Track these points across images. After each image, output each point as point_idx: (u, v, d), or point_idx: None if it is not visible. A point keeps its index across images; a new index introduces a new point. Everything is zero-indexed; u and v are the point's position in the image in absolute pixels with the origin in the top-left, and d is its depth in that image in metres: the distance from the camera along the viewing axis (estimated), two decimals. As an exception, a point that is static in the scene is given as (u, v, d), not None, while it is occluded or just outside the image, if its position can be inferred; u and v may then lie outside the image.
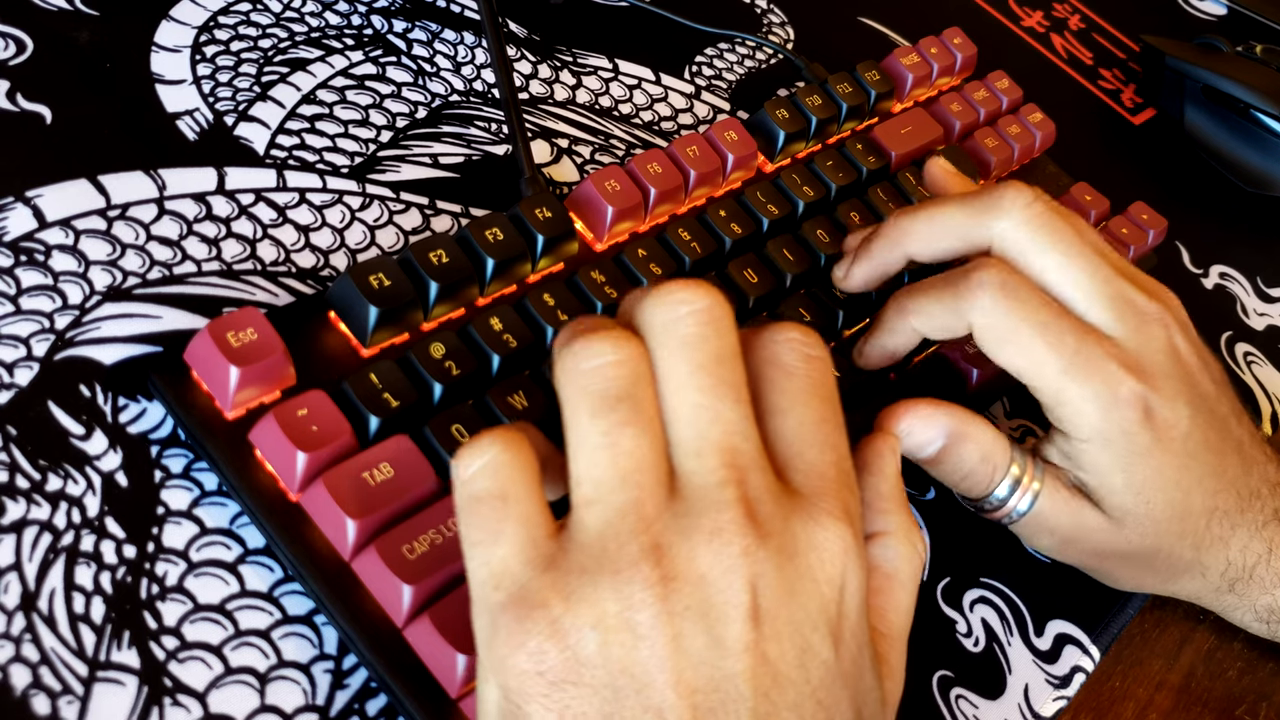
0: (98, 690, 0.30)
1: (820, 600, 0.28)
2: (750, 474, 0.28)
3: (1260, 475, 0.41)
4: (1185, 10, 0.78)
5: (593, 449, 0.28)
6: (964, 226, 0.40)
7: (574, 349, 0.29)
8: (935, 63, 0.55)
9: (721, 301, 0.29)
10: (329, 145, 0.43)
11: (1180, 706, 0.44)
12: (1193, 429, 0.39)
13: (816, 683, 0.28)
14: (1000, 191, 0.40)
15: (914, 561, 0.33)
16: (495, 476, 0.28)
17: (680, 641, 0.27)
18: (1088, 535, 0.40)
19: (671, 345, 0.29)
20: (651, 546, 0.27)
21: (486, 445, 0.28)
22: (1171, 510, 0.39)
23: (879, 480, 0.34)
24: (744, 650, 0.27)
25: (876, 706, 0.30)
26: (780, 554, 0.28)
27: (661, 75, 0.53)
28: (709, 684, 0.27)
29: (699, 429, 0.28)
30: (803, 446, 0.30)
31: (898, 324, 0.40)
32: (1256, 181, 0.65)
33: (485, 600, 0.28)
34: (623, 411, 0.28)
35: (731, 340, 0.29)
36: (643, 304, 0.30)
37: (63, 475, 0.32)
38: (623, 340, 0.28)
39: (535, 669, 0.26)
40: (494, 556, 0.28)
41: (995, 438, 0.39)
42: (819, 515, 0.29)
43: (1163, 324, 0.39)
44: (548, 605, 0.27)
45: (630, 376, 0.28)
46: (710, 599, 0.27)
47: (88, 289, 0.36)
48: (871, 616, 0.32)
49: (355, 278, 0.35)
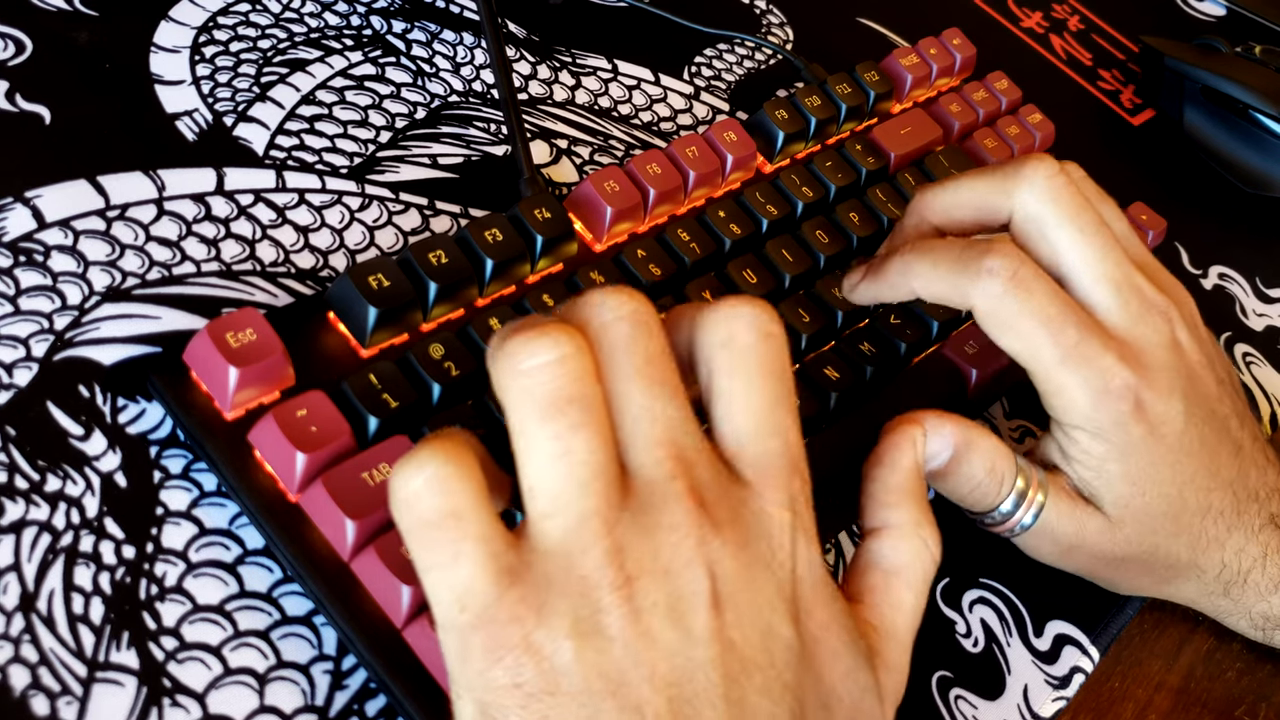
0: (97, 691, 0.30)
1: (775, 583, 0.29)
2: (696, 468, 0.29)
3: (1259, 479, 0.41)
4: (1184, 11, 0.78)
5: (547, 457, 0.27)
6: (985, 197, 0.40)
7: (510, 349, 0.27)
8: (934, 63, 0.55)
9: (645, 303, 0.29)
10: (328, 146, 0.43)
11: (1179, 707, 0.44)
12: (1188, 425, 0.39)
13: (781, 664, 0.28)
14: (1024, 160, 0.39)
15: (921, 557, 0.33)
16: (443, 493, 0.27)
17: (650, 637, 0.27)
18: (1089, 541, 0.39)
19: (611, 349, 0.28)
20: (614, 549, 0.27)
21: (426, 459, 0.27)
22: (1166, 505, 0.39)
23: (889, 473, 0.34)
24: (711, 638, 0.27)
25: (864, 693, 0.30)
26: (734, 544, 0.28)
27: (661, 76, 0.53)
28: (683, 675, 0.27)
29: (643, 428, 0.28)
30: (750, 434, 0.30)
31: (898, 280, 0.40)
32: (1256, 182, 0.65)
33: (452, 621, 0.27)
34: (573, 413, 0.27)
35: (661, 341, 0.29)
36: (577, 309, 0.29)
37: (62, 476, 0.32)
38: (563, 335, 0.27)
39: (512, 682, 0.26)
40: (456, 579, 0.27)
41: (1001, 448, 0.38)
42: (765, 505, 0.29)
43: (1166, 317, 0.39)
44: (520, 620, 0.27)
45: (576, 374, 0.27)
46: (674, 591, 0.27)
47: (87, 289, 0.36)
48: (865, 612, 0.32)
49: (354, 278, 0.35)
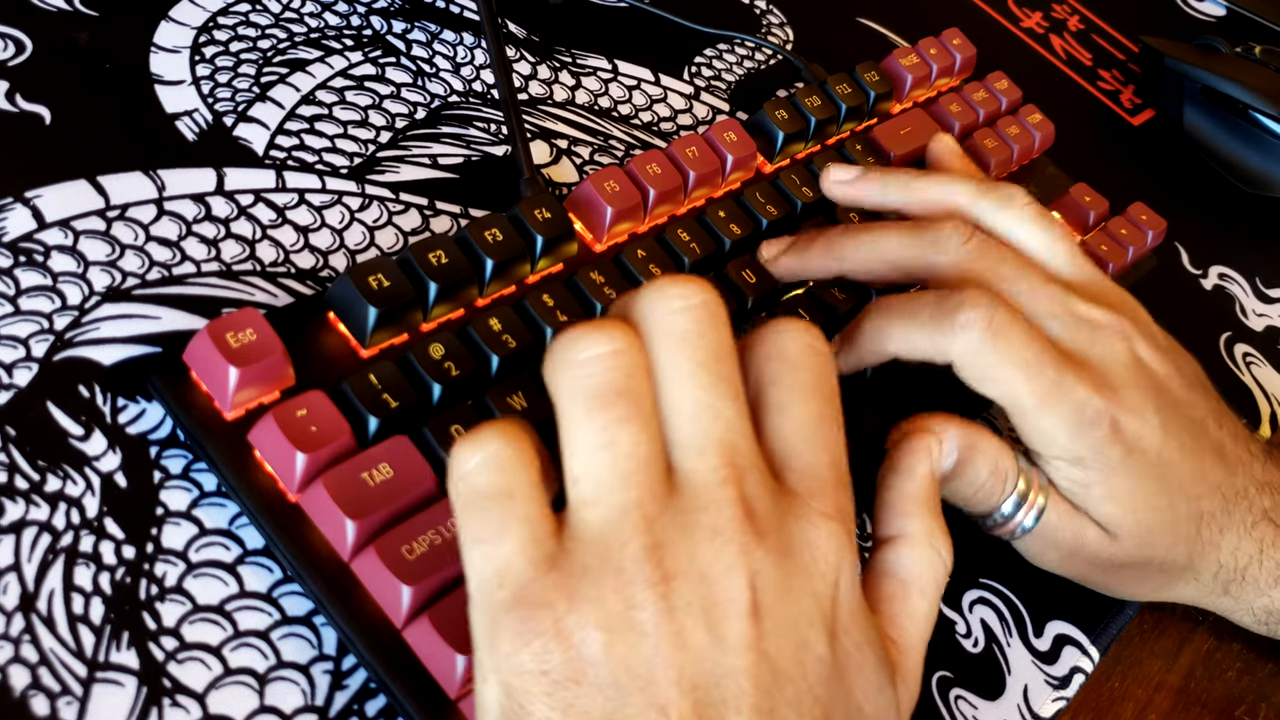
0: (97, 691, 0.30)
1: (815, 597, 0.28)
2: (748, 473, 0.28)
3: (1246, 475, 0.41)
4: (1184, 11, 0.78)
5: (592, 447, 0.27)
6: (903, 259, 0.40)
7: (566, 340, 0.28)
8: (934, 63, 0.55)
9: (716, 297, 0.29)
10: (328, 146, 0.43)
11: (1179, 707, 0.44)
12: (1166, 437, 0.39)
13: (814, 679, 0.28)
14: (939, 227, 0.40)
15: (934, 567, 0.33)
16: (500, 471, 0.27)
17: (682, 638, 0.27)
18: (1088, 548, 0.39)
19: (669, 341, 0.29)
20: (653, 545, 0.27)
21: (489, 438, 0.28)
22: (1159, 518, 0.39)
23: (905, 481, 0.34)
24: (745, 647, 0.27)
25: (886, 710, 0.30)
26: (777, 552, 0.28)
27: (661, 76, 0.53)
28: (710, 680, 0.27)
29: (700, 426, 0.28)
30: (800, 445, 0.30)
31: (873, 345, 0.39)
32: (1256, 182, 0.65)
33: (488, 599, 0.27)
34: (621, 407, 0.27)
35: (727, 337, 0.29)
36: (637, 300, 0.29)
37: (62, 476, 0.32)
38: (617, 331, 0.28)
39: (540, 668, 0.26)
40: (498, 554, 0.27)
41: (1004, 448, 0.38)
42: (813, 515, 0.29)
43: (1121, 334, 0.39)
44: (552, 605, 0.27)
45: (627, 368, 0.28)
46: (712, 596, 0.27)
47: (87, 289, 0.36)
48: (884, 624, 0.32)
49: (354, 278, 0.35)
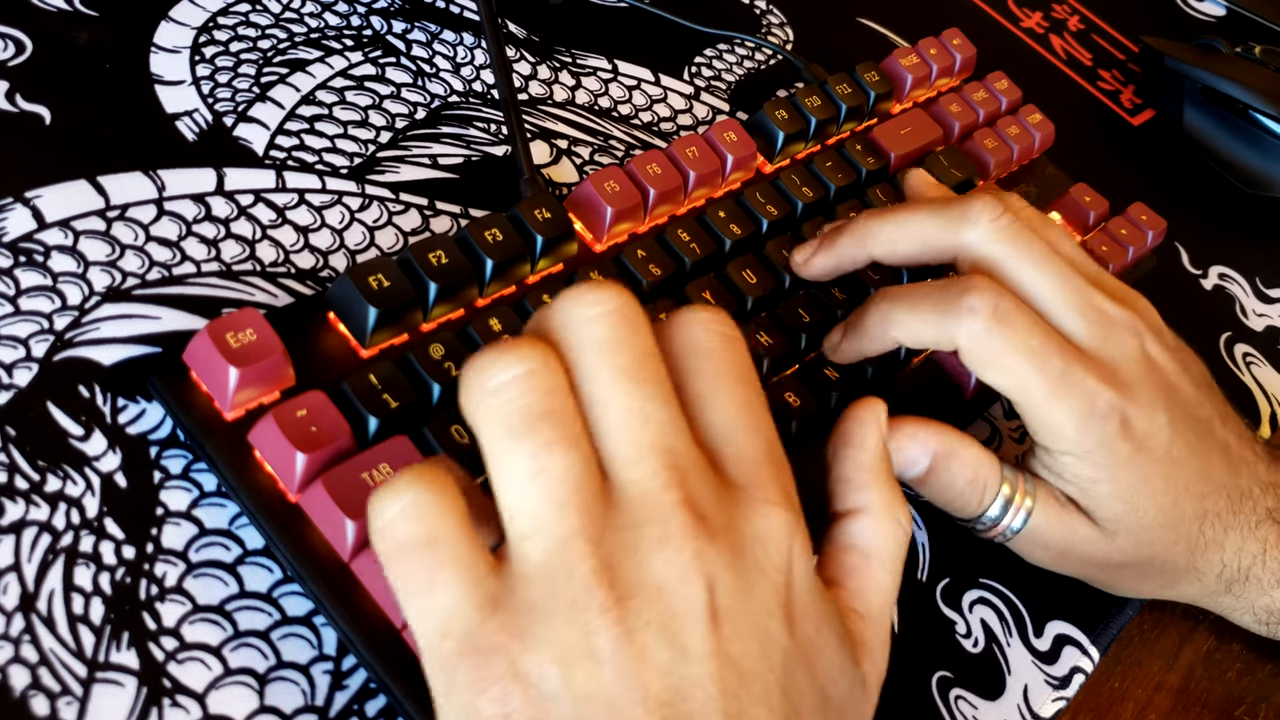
0: (96, 691, 0.30)
1: (772, 587, 0.28)
2: (690, 474, 0.28)
3: (1250, 475, 0.41)
4: (1184, 11, 0.78)
5: (522, 478, 0.26)
6: (932, 235, 0.40)
7: (475, 368, 0.27)
8: (934, 64, 0.55)
9: (632, 300, 0.28)
10: (328, 146, 0.43)
11: (1179, 707, 0.44)
12: (1174, 435, 0.39)
13: (779, 670, 0.28)
14: (969, 202, 0.39)
15: (895, 538, 0.32)
16: (419, 521, 0.26)
17: (644, 657, 0.26)
18: (1082, 547, 0.39)
19: (588, 351, 0.28)
20: (602, 568, 0.26)
21: (403, 487, 0.27)
22: (1162, 517, 0.39)
23: (857, 452, 0.34)
24: (708, 654, 0.26)
25: (852, 686, 0.30)
26: (730, 552, 0.27)
27: (661, 76, 0.53)
28: (676, 694, 0.26)
29: (632, 434, 0.27)
30: (732, 435, 0.29)
31: (878, 331, 0.39)
32: (1256, 182, 0.65)
33: (435, 650, 0.27)
34: (545, 430, 0.26)
35: (649, 338, 0.28)
36: (551, 313, 0.28)
37: (62, 476, 0.32)
38: (527, 350, 0.27)
39: (500, 712, 0.26)
40: (435, 606, 0.27)
41: (983, 457, 0.38)
42: (758, 504, 0.29)
43: (1134, 331, 0.39)
44: (504, 649, 0.26)
45: (545, 388, 0.27)
46: (670, 608, 0.26)
47: (87, 290, 0.36)
48: (846, 597, 0.31)
49: (354, 278, 0.35)
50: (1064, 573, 0.41)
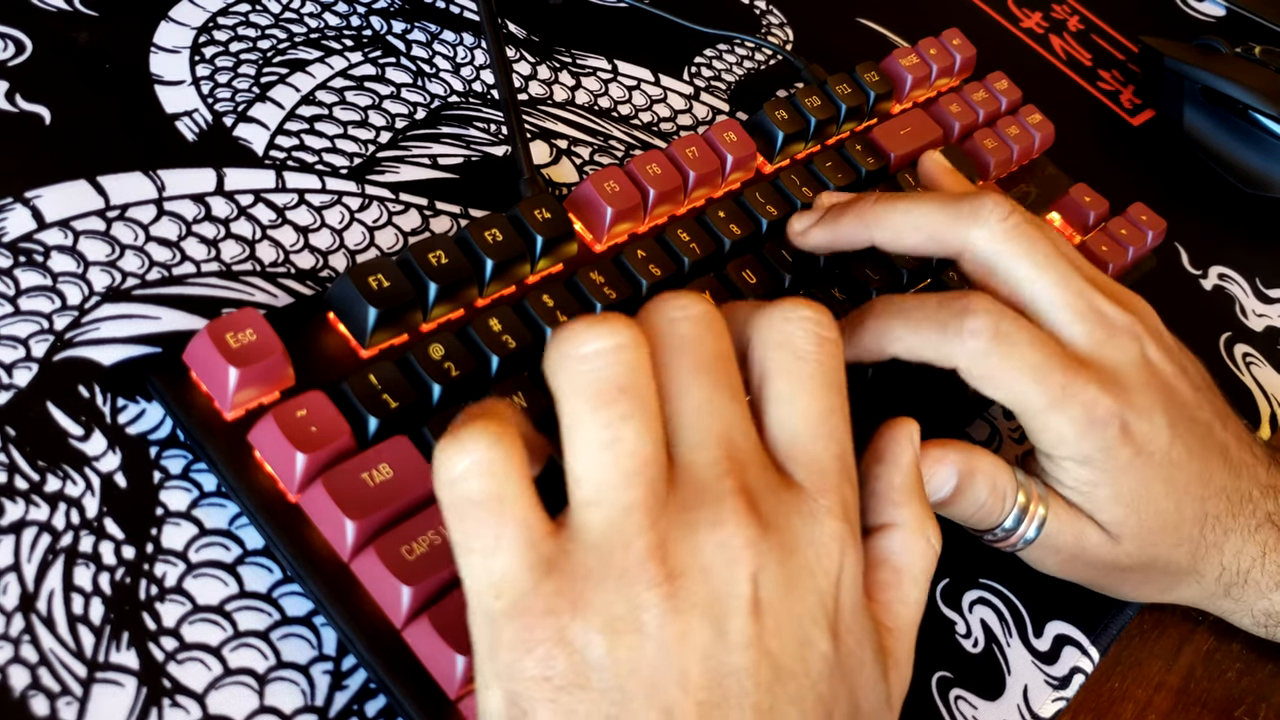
0: (96, 691, 0.30)
1: (819, 594, 0.28)
2: (749, 467, 0.28)
3: (1250, 478, 0.41)
4: (1184, 11, 0.78)
5: (595, 446, 0.27)
6: (939, 229, 0.39)
7: (567, 334, 0.28)
8: (934, 64, 0.55)
9: (714, 309, 0.30)
10: (328, 146, 0.43)
11: (1179, 707, 0.44)
12: (1174, 439, 0.39)
13: (816, 675, 0.28)
14: (980, 200, 0.39)
15: (925, 555, 0.33)
16: (488, 477, 0.27)
17: (686, 637, 0.26)
18: (1090, 551, 0.39)
19: (671, 345, 0.29)
20: (657, 544, 0.27)
21: (475, 442, 0.27)
22: (1163, 520, 0.39)
23: (892, 470, 0.34)
24: (747, 644, 0.27)
25: (880, 701, 0.30)
26: (781, 548, 0.28)
27: (661, 76, 0.53)
28: (713, 680, 0.26)
29: (701, 421, 0.28)
30: (806, 439, 0.30)
31: (875, 345, 0.39)
32: (1255, 182, 0.65)
33: (485, 608, 0.27)
34: (625, 403, 0.27)
35: (727, 343, 0.30)
36: (643, 310, 0.30)
37: (61, 476, 0.32)
38: (620, 326, 0.28)
39: (543, 674, 0.26)
40: (494, 565, 0.27)
41: (1000, 466, 0.38)
42: (818, 512, 0.29)
43: (1133, 335, 0.39)
44: (554, 612, 0.26)
45: (630, 363, 0.27)
46: (714, 591, 0.27)
47: (87, 290, 0.36)
48: (878, 611, 0.32)
49: (354, 278, 0.35)
50: (1070, 578, 0.41)
